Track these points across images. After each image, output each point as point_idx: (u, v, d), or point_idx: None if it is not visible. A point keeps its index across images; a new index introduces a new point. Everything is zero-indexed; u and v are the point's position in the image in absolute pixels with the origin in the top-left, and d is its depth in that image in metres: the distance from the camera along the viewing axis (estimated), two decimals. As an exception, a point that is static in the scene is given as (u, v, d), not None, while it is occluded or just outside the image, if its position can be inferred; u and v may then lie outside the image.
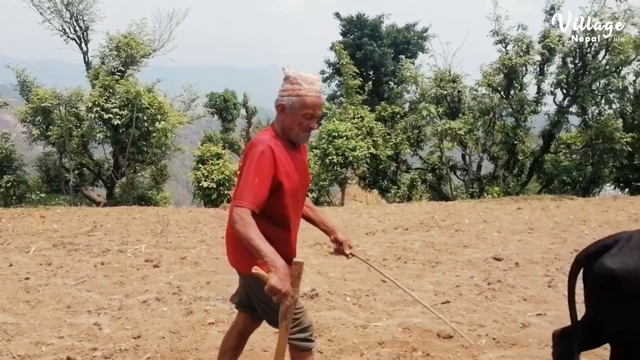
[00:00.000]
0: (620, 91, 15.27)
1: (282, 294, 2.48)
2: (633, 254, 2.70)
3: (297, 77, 2.77)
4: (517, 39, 15.46)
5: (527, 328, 4.79)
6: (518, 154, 16.00)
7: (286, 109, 2.76)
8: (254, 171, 2.64)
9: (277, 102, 2.80)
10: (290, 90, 2.76)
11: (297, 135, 2.82)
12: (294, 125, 2.78)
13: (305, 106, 2.74)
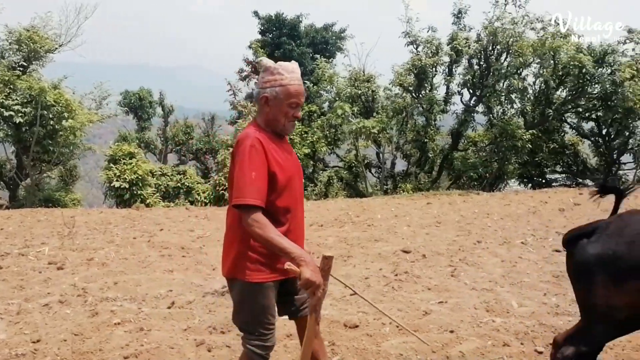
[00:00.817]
0: (520, 91, 16.25)
1: (316, 286, 2.49)
2: (611, 240, 2.87)
3: (277, 67, 2.71)
4: (427, 41, 16.06)
5: (428, 315, 5.03)
6: (429, 151, 16.64)
7: (270, 100, 2.69)
8: (249, 166, 2.57)
9: (258, 94, 2.72)
10: (273, 80, 2.69)
11: (283, 126, 2.75)
12: (280, 116, 2.71)
13: (290, 95, 2.68)
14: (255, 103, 2.78)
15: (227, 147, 16.44)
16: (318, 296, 2.55)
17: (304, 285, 2.49)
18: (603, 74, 15.40)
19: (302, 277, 2.46)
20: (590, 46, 16.02)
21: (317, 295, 2.54)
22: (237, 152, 2.63)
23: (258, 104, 2.75)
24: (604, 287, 2.85)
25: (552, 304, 5.43)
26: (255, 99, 2.75)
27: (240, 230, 2.65)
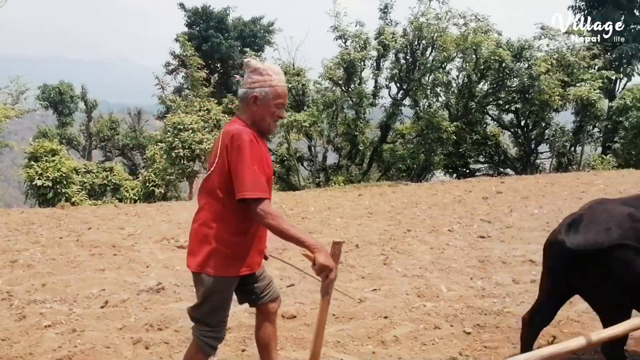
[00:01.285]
0: (445, 85, 16.86)
1: (329, 270, 2.63)
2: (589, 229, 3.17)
3: (266, 68, 2.81)
4: (355, 35, 16.33)
5: (363, 303, 5.19)
6: (359, 144, 16.96)
7: (259, 99, 2.77)
8: (251, 160, 2.65)
9: (247, 93, 2.78)
10: (262, 81, 2.77)
11: (269, 125, 2.85)
12: (266, 115, 2.80)
13: (278, 96, 2.78)
14: (241, 102, 2.84)
15: (157, 143, 16.07)
16: (331, 278, 2.69)
17: (319, 269, 2.63)
18: (521, 68, 16.23)
19: (317, 262, 2.62)
20: (509, 42, 16.81)
21: (330, 277, 2.68)
22: (237, 146, 2.68)
23: (245, 103, 2.81)
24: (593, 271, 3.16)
25: (478, 287, 5.73)
26: (242, 98, 2.81)
27: (219, 226, 2.75)
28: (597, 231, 3.16)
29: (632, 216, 3.22)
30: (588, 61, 18.04)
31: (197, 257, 2.82)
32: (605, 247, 3.11)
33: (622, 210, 3.28)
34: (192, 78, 17.70)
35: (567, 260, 3.24)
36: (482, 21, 16.86)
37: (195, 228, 2.86)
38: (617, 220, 3.20)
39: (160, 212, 10.86)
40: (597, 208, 3.35)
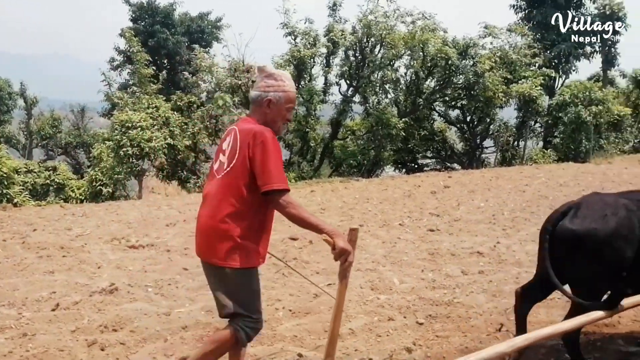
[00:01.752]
0: (394, 82, 17.15)
1: (347, 254, 2.82)
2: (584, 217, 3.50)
3: (280, 74, 3.05)
4: (304, 32, 16.37)
5: (319, 297, 5.28)
6: (310, 141, 17.03)
7: (272, 103, 3.00)
8: (276, 155, 2.88)
9: (262, 97, 3.00)
10: (276, 86, 3.01)
11: (279, 127, 3.08)
12: (278, 118, 3.03)
13: (290, 100, 3.04)
14: (254, 103, 3.06)
15: (104, 141, 15.68)
16: (350, 262, 2.87)
17: (339, 253, 2.82)
18: (466, 66, 16.67)
19: (337, 247, 2.80)
20: (455, 40, 17.24)
21: (349, 261, 2.87)
22: (261, 142, 2.87)
23: (258, 105, 3.03)
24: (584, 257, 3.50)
25: (429, 279, 5.92)
26: (256, 100, 3.03)
27: (240, 221, 2.91)
28: (594, 218, 3.48)
29: (627, 207, 3.55)
30: (529, 59, 18.73)
31: (218, 252, 2.94)
32: (601, 234, 3.43)
33: (618, 201, 3.62)
34: (139, 74, 17.31)
35: (563, 243, 3.54)
36: (429, 19, 17.24)
37: (212, 224, 2.95)
38: (613, 209, 3.52)
39: (109, 212, 10.63)
40: (593, 198, 3.70)
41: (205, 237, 3.02)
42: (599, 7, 22.05)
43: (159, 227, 8.92)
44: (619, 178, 12.98)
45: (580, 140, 17.40)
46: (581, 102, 17.79)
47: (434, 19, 17.27)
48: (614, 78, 24.40)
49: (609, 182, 12.41)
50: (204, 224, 3.03)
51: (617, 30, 22.05)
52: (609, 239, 3.43)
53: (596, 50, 23.12)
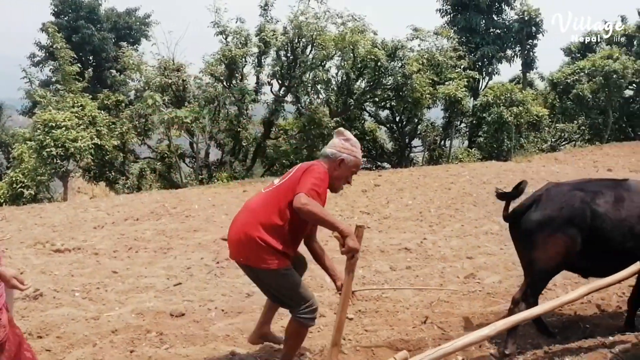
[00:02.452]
0: (325, 82, 17.34)
1: (355, 250, 3.19)
2: (544, 208, 3.95)
3: (355, 141, 3.55)
4: (235, 32, 16.26)
5: (251, 297, 5.34)
6: (242, 140, 16.94)
7: (343, 163, 3.48)
8: (318, 180, 3.29)
9: (336, 155, 3.47)
10: (350, 150, 3.50)
11: (339, 186, 3.58)
12: (343, 176, 3.53)
13: (357, 166, 3.56)
14: (326, 158, 3.50)
15: (25, 141, 15.01)
16: (356, 258, 3.29)
17: (347, 251, 3.18)
18: (395, 67, 17.09)
19: (347, 244, 3.16)
20: (384, 41, 17.64)
21: (356, 257, 3.28)
22: (312, 169, 3.37)
23: (331, 161, 3.48)
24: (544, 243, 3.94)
25: (359, 275, 6.09)
26: (329, 157, 3.49)
27: (277, 233, 3.36)
28: (552, 209, 3.94)
29: (583, 199, 3.97)
30: (455, 61, 19.43)
31: (258, 256, 3.38)
32: (555, 224, 3.90)
33: (576, 193, 4.03)
34: (63, 72, 16.65)
35: (527, 232, 4.03)
36: (359, 21, 17.52)
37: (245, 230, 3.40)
38: (573, 201, 3.97)
39: (32, 215, 10.24)
40: (553, 190, 4.11)
41: (240, 239, 3.43)
42: (518, 13, 23.18)
43: (86, 230, 8.70)
44: (537, 175, 13.70)
45: (503, 139, 18.22)
46: (503, 103, 18.62)
47: (364, 20, 17.59)
48: (533, 80, 25.73)
49: (528, 180, 13.05)
50: (235, 230, 3.50)
51: (534, 35, 23.32)
52: (562, 227, 3.89)
53: (516, 54, 24.29)
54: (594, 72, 20.83)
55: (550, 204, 3.99)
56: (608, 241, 3.94)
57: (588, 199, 3.96)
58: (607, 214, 3.92)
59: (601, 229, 3.91)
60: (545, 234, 3.93)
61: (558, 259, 3.98)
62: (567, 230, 3.91)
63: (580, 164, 16.03)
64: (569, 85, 21.72)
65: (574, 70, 21.91)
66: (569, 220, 3.90)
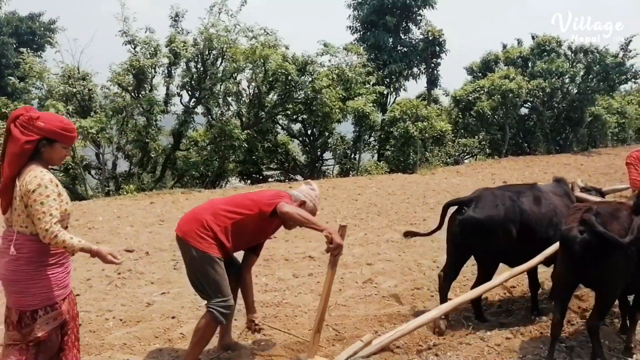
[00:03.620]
0: (236, 95, 17.40)
1: (340, 247, 3.73)
2: (483, 207, 4.71)
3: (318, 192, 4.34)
4: (144, 42, 16.00)
5: (151, 306, 5.35)
6: (151, 151, 16.62)
7: (304, 205, 4.13)
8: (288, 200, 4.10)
9: (300, 197, 4.16)
10: (312, 198, 4.25)
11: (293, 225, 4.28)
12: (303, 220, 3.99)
13: (313, 212, 4.19)
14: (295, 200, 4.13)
15: None
16: (340, 254, 3.82)
17: (334, 248, 3.70)
18: (305, 82, 17.43)
19: (334, 242, 3.67)
20: (294, 56, 17.97)
21: (340, 254, 3.81)
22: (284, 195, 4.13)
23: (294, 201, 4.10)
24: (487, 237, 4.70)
25: (262, 283, 6.25)
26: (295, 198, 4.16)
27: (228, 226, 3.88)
28: (489, 208, 4.72)
29: (511, 198, 4.83)
30: (364, 77, 20.09)
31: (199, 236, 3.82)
32: (495, 220, 4.67)
33: (505, 194, 4.90)
34: (-44, 78, 15.68)
35: (465, 228, 4.73)
36: (271, 35, 17.78)
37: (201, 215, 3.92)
38: (504, 202, 4.78)
39: None
40: (485, 193, 4.92)
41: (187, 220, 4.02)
42: (424, 33, 24.33)
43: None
44: (439, 187, 14.47)
45: (409, 153, 18.98)
46: (409, 118, 19.43)
47: (275, 35, 17.87)
48: (437, 97, 26.97)
49: (431, 191, 13.78)
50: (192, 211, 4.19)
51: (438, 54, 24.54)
52: (502, 222, 4.69)
53: (422, 71, 25.44)
54: (493, 90, 22.22)
55: (487, 204, 4.77)
56: (533, 232, 4.80)
57: (516, 197, 4.86)
58: (531, 209, 4.83)
59: (527, 222, 4.78)
60: (487, 230, 4.69)
61: (499, 250, 4.81)
62: (505, 225, 4.71)
63: (479, 177, 17.02)
64: (470, 102, 23.03)
65: (475, 88, 23.28)
66: (505, 216, 4.72)
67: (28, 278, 2.99)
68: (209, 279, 3.76)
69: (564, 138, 25.79)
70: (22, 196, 2.95)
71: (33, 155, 3.04)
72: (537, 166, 19.31)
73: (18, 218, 3.00)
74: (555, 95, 24.25)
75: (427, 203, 11.86)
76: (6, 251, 2.99)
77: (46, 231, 2.89)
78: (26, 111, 3.06)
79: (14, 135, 3.01)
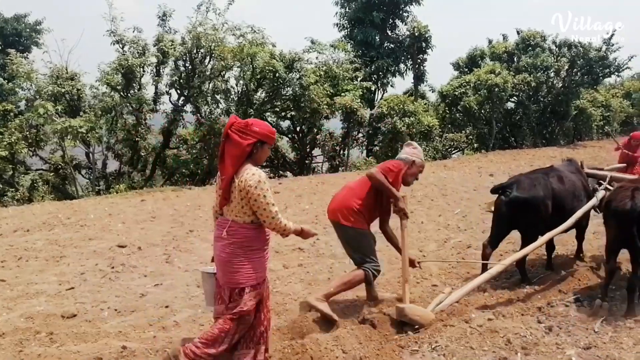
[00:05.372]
0: (225, 92, 17.50)
1: (404, 210, 4.84)
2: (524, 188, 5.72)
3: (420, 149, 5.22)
4: (132, 41, 16.08)
5: (145, 297, 5.50)
6: (141, 150, 16.68)
7: (414, 164, 5.05)
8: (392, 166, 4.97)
9: (409, 159, 5.03)
10: (418, 155, 5.10)
11: (411, 181, 5.18)
12: (414, 174, 5.13)
13: (422, 166, 5.16)
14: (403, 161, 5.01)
15: None
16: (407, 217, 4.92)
17: (399, 210, 4.83)
18: (293, 79, 17.55)
19: (398, 206, 4.83)
20: (282, 53, 18.08)
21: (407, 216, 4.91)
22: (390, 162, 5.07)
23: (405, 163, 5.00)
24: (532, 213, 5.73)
25: (253, 274, 6.39)
26: (405, 160, 5.02)
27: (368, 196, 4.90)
28: (531, 188, 5.75)
29: (544, 179, 5.91)
30: (351, 73, 20.24)
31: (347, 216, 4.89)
32: (537, 197, 5.70)
33: (540, 177, 5.96)
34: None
35: (512, 206, 5.71)
36: (258, 33, 17.88)
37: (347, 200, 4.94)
38: (539, 183, 5.83)
39: None
40: (522, 177, 5.99)
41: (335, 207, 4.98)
42: (410, 29, 24.52)
43: (-28, 242, 8.35)
44: (426, 181, 14.62)
45: (397, 148, 19.11)
46: (397, 113, 19.62)
47: (263, 33, 17.98)
48: (424, 92, 27.18)
49: (418, 185, 13.85)
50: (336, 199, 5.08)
51: (425, 50, 24.77)
52: (542, 198, 5.72)
53: (408, 67, 25.65)
54: (479, 85, 22.44)
55: (527, 185, 5.78)
56: (562, 204, 5.90)
57: (547, 179, 5.94)
58: (559, 187, 5.94)
59: (558, 196, 5.87)
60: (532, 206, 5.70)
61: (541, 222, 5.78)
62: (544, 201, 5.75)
63: (466, 170, 17.23)
64: (457, 97, 23.22)
65: (461, 84, 23.46)
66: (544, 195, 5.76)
67: (239, 260, 3.55)
68: (361, 247, 4.86)
69: (550, 131, 26.09)
70: (241, 190, 3.48)
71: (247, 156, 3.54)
72: (523, 159, 19.55)
73: (234, 209, 3.55)
74: (540, 90, 24.52)
75: (415, 196, 12.04)
76: (221, 236, 3.60)
77: (272, 218, 3.52)
78: (235, 119, 3.62)
79: (234, 140, 3.53)
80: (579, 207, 6.05)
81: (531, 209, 5.70)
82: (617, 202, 5.06)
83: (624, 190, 5.16)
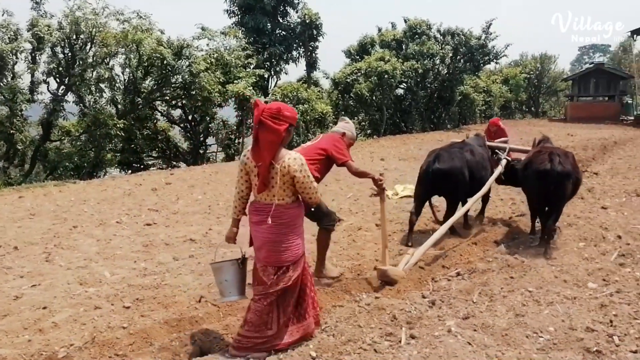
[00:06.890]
0: (109, 81, 16.68)
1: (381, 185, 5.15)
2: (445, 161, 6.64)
3: (352, 124, 5.58)
4: (2, 25, 14.85)
5: (20, 299, 5.13)
6: (17, 143, 15.51)
7: (344, 136, 5.34)
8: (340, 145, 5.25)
9: (340, 131, 5.36)
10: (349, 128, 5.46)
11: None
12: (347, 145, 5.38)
13: (352, 138, 5.47)
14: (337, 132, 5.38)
15: None
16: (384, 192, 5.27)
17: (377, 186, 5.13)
18: (182, 66, 17.07)
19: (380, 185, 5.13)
20: (170, 40, 17.51)
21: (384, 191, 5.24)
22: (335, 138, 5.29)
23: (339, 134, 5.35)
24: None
25: (141, 268, 6.16)
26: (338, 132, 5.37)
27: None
28: (450, 160, 6.64)
29: (460, 152, 6.84)
30: (243, 60, 20.03)
31: None
32: (454, 169, 6.58)
33: (457, 150, 6.88)
34: None
35: (435, 176, 6.55)
36: (144, 19, 17.19)
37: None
38: (456, 155, 6.75)
39: None
40: (446, 149, 6.95)
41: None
42: (301, 17, 24.68)
43: None
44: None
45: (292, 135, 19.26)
46: (290, 101, 19.70)
47: (150, 18, 17.30)
48: (318, 80, 27.53)
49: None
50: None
51: (316, 38, 25.04)
52: (460, 169, 6.61)
53: (301, 54, 25.82)
54: (370, 72, 23.04)
55: (448, 158, 6.69)
56: (475, 173, 6.86)
57: (464, 151, 6.92)
58: (472, 158, 6.90)
59: (471, 167, 6.81)
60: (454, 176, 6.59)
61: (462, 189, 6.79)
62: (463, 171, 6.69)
63: (359, 155, 17.65)
64: (349, 84, 23.73)
65: (353, 71, 24.00)
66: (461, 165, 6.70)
67: (287, 238, 3.74)
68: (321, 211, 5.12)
69: (437, 116, 27.40)
70: (284, 175, 3.63)
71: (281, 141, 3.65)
72: (412, 143, 20.37)
73: (277, 193, 3.68)
74: (427, 76, 25.62)
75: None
76: (265, 220, 3.68)
77: (315, 194, 3.81)
78: (263, 105, 3.65)
79: (269, 126, 3.58)
80: (487, 175, 7.15)
81: (452, 178, 6.58)
82: (537, 164, 5.89)
83: (541, 155, 5.96)
